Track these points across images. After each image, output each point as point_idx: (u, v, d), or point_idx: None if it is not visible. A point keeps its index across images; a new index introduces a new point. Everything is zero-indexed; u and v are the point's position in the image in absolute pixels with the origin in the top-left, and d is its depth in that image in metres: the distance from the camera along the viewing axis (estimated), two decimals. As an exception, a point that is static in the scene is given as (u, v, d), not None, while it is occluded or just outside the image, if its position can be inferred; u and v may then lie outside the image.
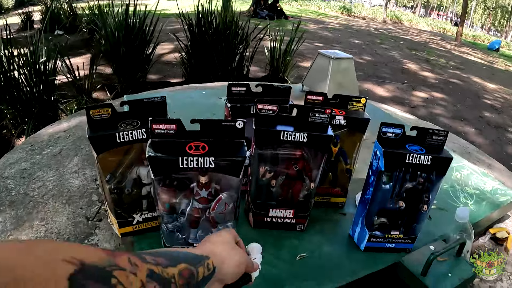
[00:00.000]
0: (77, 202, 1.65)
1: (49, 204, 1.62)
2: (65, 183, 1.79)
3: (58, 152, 2.07)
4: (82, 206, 1.63)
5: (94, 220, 1.54)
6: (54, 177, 1.83)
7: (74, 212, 1.58)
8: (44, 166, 1.91)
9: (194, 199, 1.03)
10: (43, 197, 1.66)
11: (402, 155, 1.11)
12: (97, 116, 1.11)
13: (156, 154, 0.92)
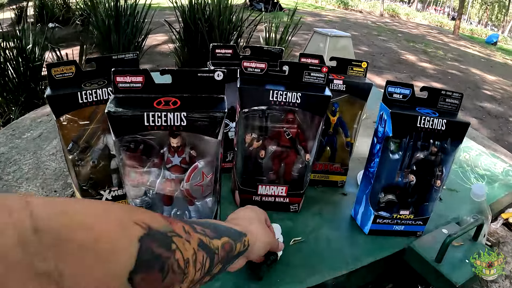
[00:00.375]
0: (51, 185, 1.55)
1: (22, 187, 1.51)
2: (41, 165, 1.71)
3: (38, 135, 1.99)
4: (56, 189, 1.53)
5: None
6: (31, 160, 1.75)
7: (47, 195, 1.46)
8: (22, 150, 1.83)
9: (165, 168, 0.86)
10: (17, 181, 1.56)
11: (413, 118, 0.95)
12: (59, 75, 0.95)
13: (116, 110, 0.75)
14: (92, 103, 0.95)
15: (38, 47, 3.85)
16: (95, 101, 0.95)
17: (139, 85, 0.80)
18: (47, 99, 0.91)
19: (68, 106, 0.93)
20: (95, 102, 0.95)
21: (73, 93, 0.92)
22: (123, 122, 0.76)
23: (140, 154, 0.83)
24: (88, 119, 0.98)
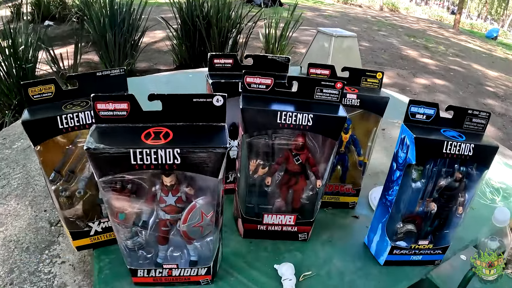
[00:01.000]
0: (41, 204, 1.48)
1: (10, 206, 1.46)
2: (31, 181, 1.63)
3: (27, 146, 1.92)
4: (46, 209, 1.46)
5: (58, 225, 1.37)
6: (20, 175, 1.68)
7: (36, 215, 1.42)
8: (12, 162, 1.77)
9: (158, 207, 0.76)
10: (5, 198, 1.51)
11: (439, 143, 0.85)
12: (37, 96, 0.86)
13: (96, 146, 0.64)
14: (74, 128, 0.85)
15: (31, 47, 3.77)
16: (77, 126, 0.85)
17: (124, 113, 0.70)
18: (23, 125, 0.80)
19: (47, 132, 0.84)
20: (77, 127, 0.86)
21: (51, 118, 0.83)
22: (106, 161, 0.66)
23: (128, 194, 0.72)
24: (71, 144, 0.88)
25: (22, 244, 1.28)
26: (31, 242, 1.29)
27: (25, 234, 1.32)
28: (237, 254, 1.02)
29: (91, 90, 0.86)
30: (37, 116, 0.81)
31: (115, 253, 1.01)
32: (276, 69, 1.13)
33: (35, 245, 1.29)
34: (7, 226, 1.35)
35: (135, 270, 0.87)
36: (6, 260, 1.20)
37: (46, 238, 1.31)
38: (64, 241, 1.29)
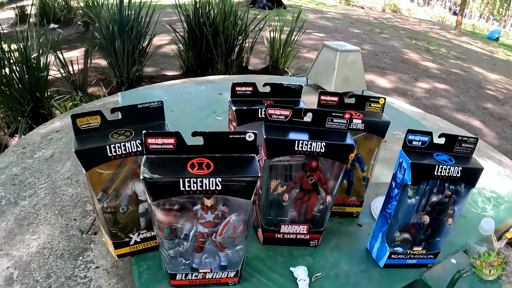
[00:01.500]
0: (70, 213, 1.54)
1: (40, 215, 1.51)
2: (58, 191, 1.69)
3: (50, 155, 1.97)
4: (75, 217, 1.52)
5: (89, 233, 1.43)
6: (46, 184, 1.73)
7: (67, 224, 1.48)
8: (36, 172, 1.81)
9: (198, 222, 0.91)
10: (34, 207, 1.56)
11: (430, 167, 0.99)
12: (84, 126, 0.99)
13: (152, 176, 0.79)
14: (122, 155, 0.97)
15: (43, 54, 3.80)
16: (124, 154, 0.98)
17: (171, 146, 0.84)
18: (76, 154, 0.93)
19: (97, 159, 0.96)
20: (124, 155, 0.98)
21: (101, 147, 0.95)
22: (160, 188, 0.81)
23: (174, 213, 0.87)
24: (117, 169, 1.01)
25: (56, 251, 1.35)
26: (64, 249, 1.36)
27: (58, 241, 1.39)
28: (258, 258, 1.17)
29: (133, 120, 1.02)
30: (88, 146, 0.94)
31: (152, 259, 1.15)
32: (290, 95, 1.28)
33: (68, 252, 1.35)
34: (40, 234, 1.42)
35: (174, 274, 1.01)
36: (42, 266, 1.27)
37: (79, 245, 1.38)
38: (96, 247, 1.36)
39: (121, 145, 0.96)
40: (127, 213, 1.08)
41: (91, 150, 0.94)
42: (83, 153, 0.93)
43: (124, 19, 4.63)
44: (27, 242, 1.38)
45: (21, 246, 1.36)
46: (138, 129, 1.02)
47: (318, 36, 10.13)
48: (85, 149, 0.93)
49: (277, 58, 5.68)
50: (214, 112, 2.19)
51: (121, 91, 4.55)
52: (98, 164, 0.97)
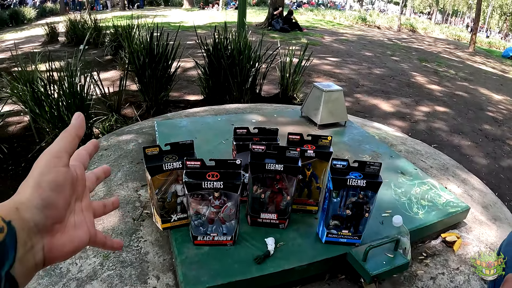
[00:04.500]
0: (124, 208, 2.00)
1: None
2: (114, 193, 2.14)
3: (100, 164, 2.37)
4: (128, 210, 1.98)
5: (139, 220, 1.91)
6: (104, 188, 2.18)
7: (123, 214, 1.95)
8: None
9: (210, 205, 1.60)
10: None
11: (344, 180, 1.60)
12: (150, 153, 1.65)
13: (189, 180, 1.51)
14: (172, 170, 1.64)
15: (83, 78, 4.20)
16: (172, 169, 1.64)
17: (198, 165, 1.55)
18: (147, 168, 1.61)
19: (157, 171, 1.62)
20: (173, 169, 1.65)
21: (160, 165, 1.61)
22: (192, 186, 1.53)
23: (199, 200, 1.59)
24: (167, 176, 1.69)
25: (117, 231, 1.82)
26: (122, 230, 1.82)
27: (117, 225, 1.85)
28: (246, 233, 1.77)
29: (176, 150, 1.71)
30: (153, 164, 1.63)
31: (183, 231, 1.75)
32: (270, 134, 1.96)
33: (125, 231, 1.81)
34: (103, 221, 1.87)
35: (196, 236, 1.66)
36: None
37: (132, 227, 1.83)
38: (144, 229, 1.83)
39: (171, 164, 1.64)
40: (171, 202, 1.72)
41: (155, 166, 1.61)
42: (151, 168, 1.61)
43: (153, 51, 5.06)
44: None
45: None
46: (179, 155, 1.69)
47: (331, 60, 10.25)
48: (152, 165, 1.62)
49: (287, 86, 5.97)
50: (227, 139, 2.69)
51: (151, 113, 5.02)
52: (158, 173, 1.62)
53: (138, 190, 2.18)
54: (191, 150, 1.74)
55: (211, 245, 1.69)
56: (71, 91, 4.13)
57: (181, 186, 1.69)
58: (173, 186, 1.71)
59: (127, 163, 2.49)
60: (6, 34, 12.67)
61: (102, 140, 2.90)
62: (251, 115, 3.38)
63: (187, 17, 5.40)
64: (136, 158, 2.56)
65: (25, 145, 4.53)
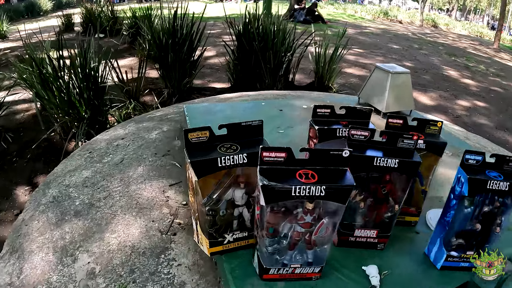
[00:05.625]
0: (148, 215, 1.62)
1: (118, 215, 1.60)
2: (133, 194, 1.76)
3: (119, 161, 2.05)
4: (154, 219, 1.60)
5: (168, 234, 1.52)
6: (120, 188, 1.81)
7: (146, 225, 1.56)
8: (107, 176, 1.89)
9: (297, 223, 1.09)
10: (110, 208, 1.65)
11: (484, 182, 1.17)
12: (194, 139, 1.15)
13: (270, 183, 0.99)
14: (230, 166, 1.14)
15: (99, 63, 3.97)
16: (232, 165, 1.14)
17: (281, 159, 1.03)
18: (191, 164, 1.10)
19: (209, 169, 1.13)
20: (232, 166, 1.15)
21: (213, 159, 1.11)
22: (275, 193, 1.00)
23: (279, 214, 1.06)
24: (223, 178, 1.18)
25: (138, 249, 1.42)
26: (146, 248, 1.43)
27: (139, 241, 1.46)
28: (333, 258, 1.34)
29: (236, 135, 1.20)
30: (202, 157, 1.11)
31: (242, 257, 1.32)
32: (361, 117, 1.48)
33: (150, 250, 1.42)
34: (119, 233, 1.49)
35: (268, 269, 1.18)
36: (125, 263, 1.35)
37: (159, 245, 1.44)
38: (177, 247, 1.43)
39: (230, 158, 1.13)
40: (225, 216, 1.25)
41: (204, 162, 1.11)
42: (198, 163, 1.11)
43: (177, 32, 4.78)
44: (107, 240, 1.46)
45: (101, 243, 1.44)
46: (241, 143, 1.19)
47: (358, 51, 10.23)
48: (200, 160, 1.11)
49: (323, 75, 5.77)
50: (278, 127, 2.31)
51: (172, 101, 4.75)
52: (209, 173, 1.12)
53: (166, 191, 1.78)
54: (259, 135, 1.26)
55: (289, 281, 1.23)
56: (84, 73, 3.84)
57: (242, 192, 1.21)
58: (230, 192, 1.23)
59: (149, 155, 2.10)
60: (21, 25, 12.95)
61: (118, 128, 2.57)
62: (299, 100, 3.01)
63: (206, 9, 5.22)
64: (161, 150, 2.17)
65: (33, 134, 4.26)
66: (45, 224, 1.59)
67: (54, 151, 3.97)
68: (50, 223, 1.58)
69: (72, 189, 1.78)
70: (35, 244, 1.49)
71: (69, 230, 1.51)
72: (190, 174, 1.16)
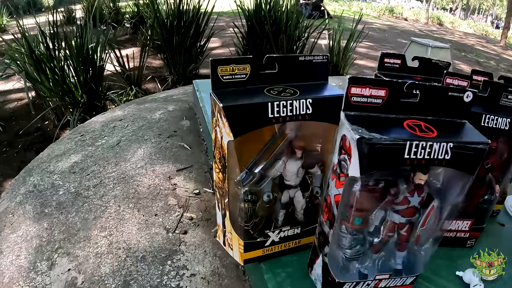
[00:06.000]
0: (149, 207, 1.33)
1: (110, 207, 1.31)
2: (130, 181, 1.47)
3: (115, 143, 1.77)
4: (156, 213, 1.30)
5: (177, 232, 1.22)
6: (115, 174, 1.53)
7: (146, 220, 1.27)
8: (100, 160, 1.62)
9: (393, 210, 0.71)
10: (101, 199, 1.36)
11: None
12: (227, 77, 0.77)
13: (372, 136, 0.60)
14: (286, 118, 0.75)
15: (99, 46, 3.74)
16: (289, 116, 0.76)
17: (379, 101, 0.66)
18: (225, 111, 0.72)
19: (254, 121, 0.74)
20: (289, 118, 0.76)
21: (262, 104, 0.74)
22: (379, 154, 0.61)
23: (376, 195, 0.68)
24: (269, 141, 0.79)
25: (136, 253, 1.13)
26: (146, 251, 1.14)
27: (137, 241, 1.17)
28: None
29: (292, 75, 0.83)
30: (243, 101, 0.73)
31: (291, 265, 0.92)
32: (436, 73, 1.13)
33: (152, 254, 1.13)
34: (111, 231, 1.21)
35: (341, 284, 0.77)
36: (117, 271, 1.06)
37: (165, 247, 1.15)
38: (188, 250, 1.14)
39: (287, 104, 0.75)
40: (270, 202, 0.86)
41: (246, 108, 0.73)
42: (235, 110, 0.72)
43: (182, 14, 4.54)
44: (94, 239, 1.17)
45: (86, 244, 1.16)
46: (299, 88, 0.81)
47: (368, 44, 10.05)
48: (239, 105, 0.72)
49: (337, 63, 5.56)
50: None
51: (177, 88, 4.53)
52: (252, 128, 0.74)
53: (172, 178, 1.51)
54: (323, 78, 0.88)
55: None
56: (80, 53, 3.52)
57: (298, 165, 0.83)
58: (279, 165, 0.83)
59: (152, 137, 1.83)
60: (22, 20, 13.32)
61: (116, 109, 2.31)
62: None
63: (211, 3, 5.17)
64: (166, 130, 1.90)
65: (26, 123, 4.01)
66: (20, 218, 1.32)
67: (47, 140, 3.69)
68: (26, 217, 1.31)
69: (56, 176, 1.52)
70: (5, 244, 1.22)
71: (48, 226, 1.25)
72: (219, 134, 0.78)
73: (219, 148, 0.81)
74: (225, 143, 0.76)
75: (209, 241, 1.18)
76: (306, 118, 0.78)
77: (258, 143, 0.79)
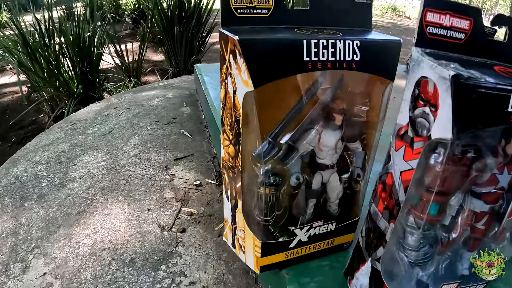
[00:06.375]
0: (141, 201, 1.20)
1: (96, 201, 1.18)
2: (121, 171, 1.35)
3: (108, 131, 1.67)
4: (150, 207, 1.17)
5: (173, 230, 1.07)
6: (104, 163, 1.42)
7: (138, 216, 1.12)
8: (89, 149, 1.51)
9: (473, 194, 0.50)
10: (87, 191, 1.24)
11: None
12: (243, 10, 0.57)
13: (471, 73, 0.40)
14: (326, 64, 0.55)
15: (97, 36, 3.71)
16: (331, 62, 0.55)
17: (461, 36, 0.47)
18: (241, 44, 0.51)
19: (283, 64, 0.53)
20: (331, 64, 0.55)
21: (294, 41, 0.53)
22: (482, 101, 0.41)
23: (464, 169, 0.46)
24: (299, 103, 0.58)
25: (123, 255, 0.99)
26: (136, 253, 0.99)
27: (126, 241, 1.03)
28: None
29: (328, 16, 0.62)
30: (266, 36, 0.54)
31: (322, 273, 0.73)
32: None
33: (143, 256, 0.98)
34: (96, 228, 1.06)
35: None
36: (99, 277, 0.91)
37: (159, 248, 1.01)
38: (187, 252, 0.99)
39: (329, 44, 0.54)
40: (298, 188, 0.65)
41: (273, 44, 0.52)
42: (255, 45, 0.52)
43: (184, 4, 4.51)
44: (75, 238, 1.04)
45: (66, 243, 1.02)
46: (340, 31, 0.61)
47: None
48: (262, 39, 0.53)
49: None
50: None
51: None
52: (282, 74, 0.53)
53: (170, 167, 1.41)
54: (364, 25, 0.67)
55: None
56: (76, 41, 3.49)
57: (337, 136, 0.63)
58: (311, 136, 0.61)
59: (148, 124, 1.74)
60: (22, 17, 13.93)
61: (111, 98, 2.23)
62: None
63: None
64: (164, 117, 1.81)
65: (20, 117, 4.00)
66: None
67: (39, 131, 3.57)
68: (4, 212, 1.19)
69: (41, 167, 1.41)
70: (-23, 242, 1.09)
71: (26, 222, 1.12)
72: (230, 88, 0.57)
73: (229, 108, 0.60)
74: (239, 99, 0.55)
75: (212, 241, 1.04)
76: (353, 66, 0.57)
77: (280, 110, 0.58)
